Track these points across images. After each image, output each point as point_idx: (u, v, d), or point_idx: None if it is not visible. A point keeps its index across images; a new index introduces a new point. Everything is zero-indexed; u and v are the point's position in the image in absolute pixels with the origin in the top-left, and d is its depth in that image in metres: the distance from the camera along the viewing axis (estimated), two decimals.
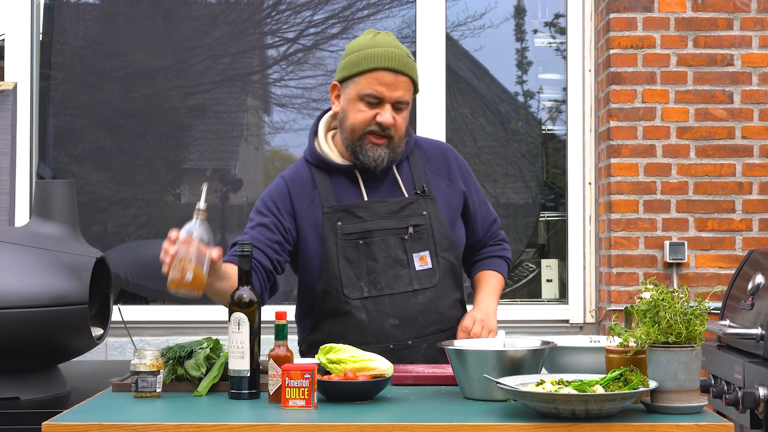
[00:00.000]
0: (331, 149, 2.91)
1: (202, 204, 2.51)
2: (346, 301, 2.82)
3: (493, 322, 2.87)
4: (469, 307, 2.98)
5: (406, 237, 2.86)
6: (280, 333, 2.39)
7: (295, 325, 4.33)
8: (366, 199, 2.87)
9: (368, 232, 2.84)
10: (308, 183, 2.89)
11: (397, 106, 2.82)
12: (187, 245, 2.43)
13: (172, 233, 2.46)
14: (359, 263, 2.82)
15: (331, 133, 2.95)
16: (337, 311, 2.84)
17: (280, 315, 2.41)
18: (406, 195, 2.90)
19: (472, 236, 3.03)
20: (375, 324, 2.82)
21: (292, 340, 4.72)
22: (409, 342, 2.83)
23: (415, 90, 2.89)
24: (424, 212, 2.88)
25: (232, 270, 2.66)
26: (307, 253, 2.86)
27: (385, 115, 2.80)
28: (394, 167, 2.91)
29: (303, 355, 2.94)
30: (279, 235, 2.83)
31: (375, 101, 2.81)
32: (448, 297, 2.89)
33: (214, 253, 2.46)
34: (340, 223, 2.83)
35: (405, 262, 2.85)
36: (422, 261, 2.87)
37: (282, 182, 2.91)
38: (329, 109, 2.98)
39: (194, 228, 2.46)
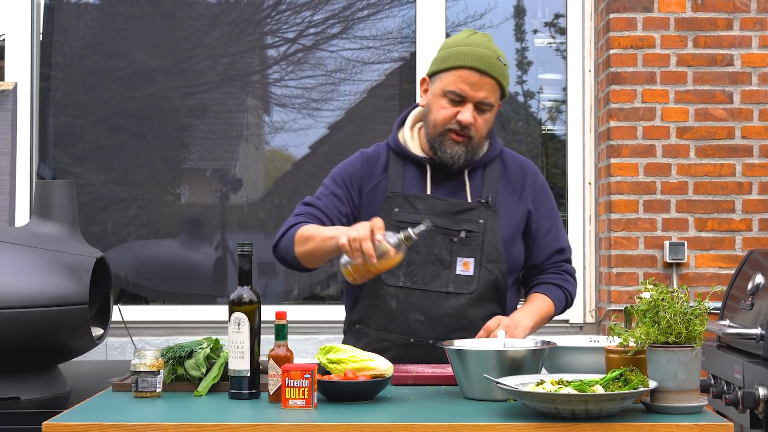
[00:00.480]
0: (412, 139, 2.95)
1: (415, 233, 2.54)
2: (382, 286, 2.85)
3: (519, 334, 2.77)
4: None
5: (456, 240, 2.86)
6: (280, 333, 2.39)
7: (294, 326, 4.36)
8: (429, 193, 2.89)
9: (419, 225, 2.85)
10: (382, 165, 2.93)
11: (479, 106, 2.82)
12: (389, 255, 2.51)
13: (377, 223, 2.54)
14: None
15: (418, 125, 2.98)
16: (372, 294, 2.87)
17: (280, 315, 2.41)
18: (470, 200, 2.90)
19: (530, 258, 2.98)
20: (401, 315, 2.83)
21: (292, 340, 4.73)
22: (430, 341, 2.82)
23: (503, 95, 2.88)
24: (481, 221, 2.88)
25: (314, 229, 2.74)
26: None
27: (465, 113, 2.81)
28: (466, 172, 2.92)
29: (345, 334, 2.99)
30: (348, 209, 2.90)
31: (458, 99, 2.82)
32: (484, 308, 2.87)
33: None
34: (396, 210, 2.86)
35: (447, 263, 2.85)
36: (465, 267, 2.86)
37: (359, 157, 2.97)
38: (417, 105, 3.01)
39: (395, 241, 2.53)
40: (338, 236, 2.57)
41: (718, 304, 3.57)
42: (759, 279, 3.30)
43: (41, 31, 4.86)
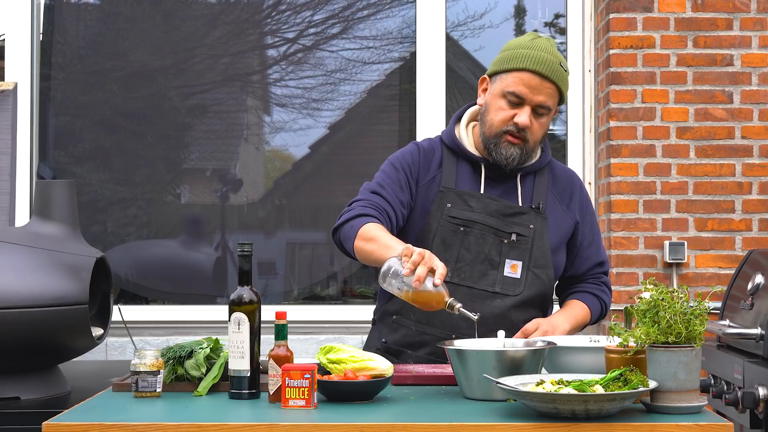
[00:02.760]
0: (468, 137, 2.95)
1: (457, 308, 2.50)
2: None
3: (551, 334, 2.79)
4: None
5: (506, 241, 2.86)
6: (280, 333, 2.39)
7: (294, 326, 4.36)
8: (482, 192, 2.90)
9: (471, 223, 2.85)
10: (437, 160, 2.93)
11: (537, 110, 2.82)
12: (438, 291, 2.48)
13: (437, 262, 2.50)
14: (453, 248, 2.84)
15: (472, 123, 2.98)
16: None
17: (280, 315, 2.41)
18: (521, 205, 2.91)
19: (571, 269, 3.01)
20: (445, 310, 2.82)
21: (292, 340, 4.74)
22: (439, 344, 2.81)
23: (561, 101, 2.88)
24: (531, 226, 2.88)
25: (378, 232, 2.70)
26: (409, 222, 2.89)
27: (523, 116, 2.81)
28: (518, 177, 2.92)
29: (374, 323, 2.98)
30: (408, 196, 2.88)
31: (516, 101, 2.82)
32: (528, 312, 2.87)
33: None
34: (449, 205, 2.86)
35: (496, 264, 2.85)
36: (513, 269, 2.86)
37: (416, 149, 2.95)
38: (475, 102, 3.00)
39: (443, 290, 2.49)
40: (399, 248, 2.55)
41: (718, 304, 3.57)
42: (759, 279, 3.30)
43: (41, 31, 4.86)
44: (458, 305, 2.49)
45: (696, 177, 4.42)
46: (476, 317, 2.50)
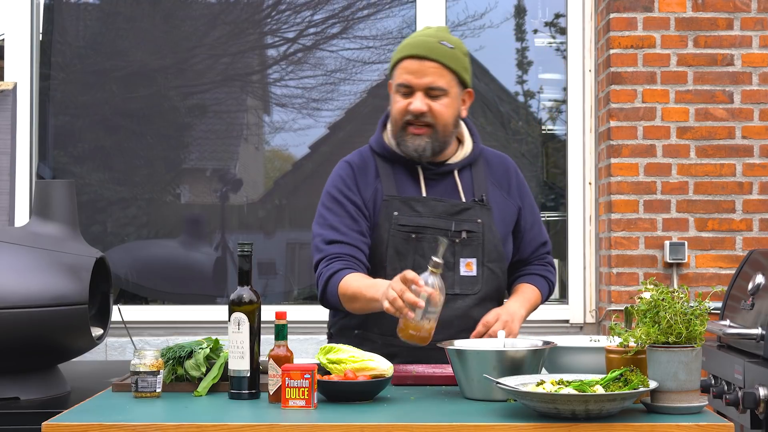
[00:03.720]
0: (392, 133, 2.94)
1: (439, 258, 2.47)
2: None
3: (516, 326, 2.82)
4: None
5: (458, 241, 2.86)
6: (280, 333, 2.39)
7: (294, 326, 4.34)
8: (424, 195, 2.88)
9: (422, 228, 2.84)
10: (372, 172, 2.91)
11: (430, 93, 2.80)
12: (433, 298, 2.43)
13: (409, 274, 2.45)
14: (407, 256, 2.83)
15: None
16: None
17: (280, 315, 2.41)
18: (464, 200, 2.90)
19: (517, 253, 3.02)
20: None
21: (292, 340, 4.72)
22: (438, 344, 2.82)
23: (460, 78, 2.84)
24: (479, 220, 2.88)
25: (356, 287, 2.69)
26: None
27: (415, 102, 2.79)
28: (456, 172, 2.92)
29: (332, 337, 2.95)
30: (363, 222, 2.85)
31: (407, 90, 2.81)
32: (487, 308, 2.87)
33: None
34: (396, 213, 2.84)
35: (451, 265, 2.84)
36: (468, 267, 2.86)
37: (348, 166, 2.92)
38: None
39: (432, 280, 2.45)
40: (381, 300, 2.53)
41: (719, 304, 3.56)
42: (759, 279, 3.29)
43: (41, 31, 4.86)
44: (434, 260, 2.46)
45: (696, 177, 4.42)
46: (444, 241, 2.51)
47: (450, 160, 2.92)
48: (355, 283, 2.73)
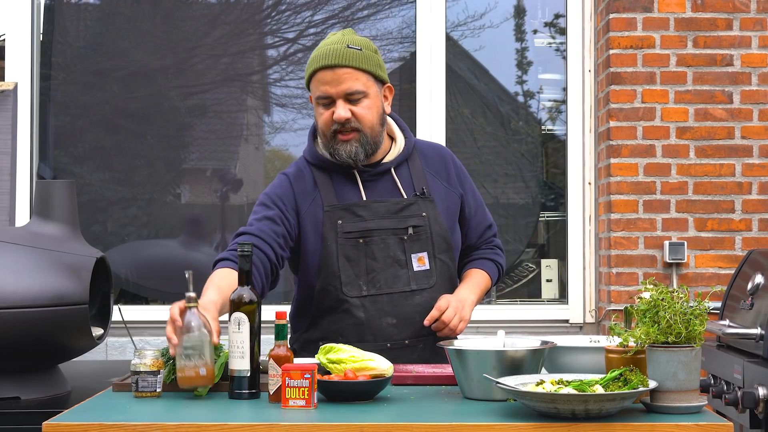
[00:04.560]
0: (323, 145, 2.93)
1: (192, 292, 2.43)
2: (345, 299, 2.83)
3: (467, 312, 2.86)
4: None
5: (405, 237, 2.88)
6: (280, 333, 2.39)
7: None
8: (365, 198, 2.88)
9: (368, 231, 2.86)
10: (310, 182, 2.91)
11: (349, 98, 2.81)
12: (198, 340, 2.38)
13: (171, 311, 2.40)
14: (359, 262, 2.84)
15: None
16: (335, 309, 2.85)
17: (280, 315, 2.41)
18: (405, 196, 2.91)
19: (465, 240, 3.05)
20: (373, 322, 2.83)
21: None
22: (406, 341, 2.85)
23: (378, 79, 2.85)
24: (424, 214, 2.90)
25: (231, 279, 2.60)
26: (307, 251, 2.88)
27: (338, 111, 2.80)
28: (393, 169, 2.93)
29: (296, 353, 2.94)
30: (284, 228, 2.84)
31: (327, 101, 2.82)
32: None
33: (215, 337, 2.44)
34: (340, 222, 2.85)
35: (403, 262, 2.87)
36: (420, 262, 2.89)
37: (285, 179, 2.92)
38: None
39: (193, 319, 2.40)
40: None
41: (718, 304, 3.57)
42: (759, 279, 3.30)
43: (41, 31, 4.86)
44: (187, 299, 2.40)
45: (696, 177, 4.42)
46: (188, 273, 2.45)
47: (384, 159, 2.93)
48: (210, 279, 2.67)
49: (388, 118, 2.96)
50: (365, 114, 2.83)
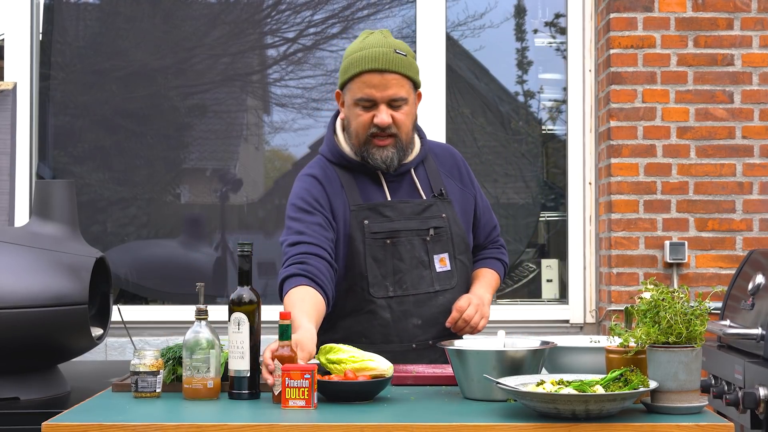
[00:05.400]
0: (350, 148, 2.90)
1: (202, 305, 2.46)
2: (371, 299, 2.82)
3: (487, 310, 2.89)
4: None
5: (428, 238, 2.88)
6: (285, 333, 2.38)
7: None
8: (389, 198, 2.88)
9: (395, 232, 2.85)
10: (336, 182, 2.89)
11: (392, 104, 2.81)
12: (207, 354, 2.40)
13: (267, 369, 2.36)
14: (386, 262, 2.83)
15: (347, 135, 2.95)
16: (359, 310, 2.84)
17: (284, 315, 2.40)
18: (424, 197, 2.92)
19: (474, 240, 3.06)
20: (399, 323, 2.83)
21: None
22: (430, 342, 2.85)
23: (416, 85, 2.87)
24: (444, 215, 2.90)
25: (313, 298, 2.62)
26: (336, 252, 2.85)
27: (381, 115, 2.79)
28: (412, 170, 2.93)
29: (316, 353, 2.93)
30: (332, 233, 2.82)
31: (368, 104, 2.80)
32: None
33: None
34: (366, 222, 2.84)
35: (427, 263, 2.87)
36: (442, 263, 2.89)
37: (315, 181, 2.88)
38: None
39: (202, 332, 2.42)
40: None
41: (719, 305, 3.56)
42: (759, 279, 3.29)
43: (41, 31, 4.86)
44: (198, 312, 2.43)
45: (696, 177, 4.41)
46: (198, 286, 2.50)
47: (405, 159, 2.92)
48: (292, 299, 2.64)
49: None
50: (404, 120, 2.83)
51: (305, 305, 2.60)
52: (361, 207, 2.85)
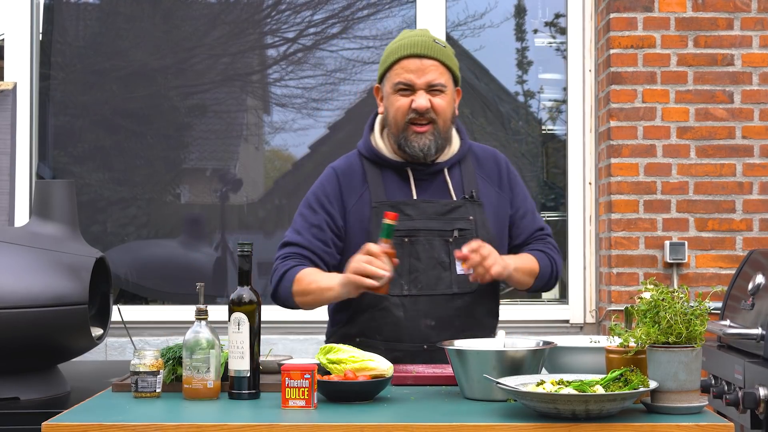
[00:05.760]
0: (385, 144, 2.93)
1: (202, 305, 2.47)
2: (385, 297, 2.81)
3: (502, 261, 2.75)
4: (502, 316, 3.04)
5: (451, 240, 2.86)
6: (388, 232, 2.56)
7: (294, 326, 4.34)
8: (415, 197, 2.88)
9: (414, 231, 2.85)
10: (359, 176, 2.91)
11: (431, 90, 2.82)
12: (208, 354, 2.41)
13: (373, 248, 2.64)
14: (402, 261, 2.81)
15: (385, 130, 2.96)
16: (374, 306, 2.84)
17: (389, 215, 2.59)
18: (455, 198, 2.90)
19: (511, 241, 2.99)
20: (411, 323, 2.82)
21: (292, 340, 4.73)
22: (439, 345, 2.82)
23: (455, 78, 2.88)
24: (471, 217, 2.88)
25: (309, 280, 2.79)
26: (351, 246, 2.86)
27: (419, 99, 2.81)
28: (446, 170, 2.92)
29: None
30: (331, 233, 2.87)
31: (407, 88, 2.83)
32: (484, 304, 2.89)
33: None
34: None
35: (447, 264, 2.85)
36: (464, 266, 2.84)
37: (333, 175, 2.93)
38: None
39: (203, 332, 2.43)
40: (340, 284, 2.68)
41: (719, 305, 3.56)
42: (759, 279, 3.29)
43: (41, 31, 4.86)
44: (198, 312, 2.47)
45: (696, 177, 4.41)
46: (199, 286, 2.57)
47: (439, 159, 2.92)
48: (309, 276, 2.79)
49: None
50: (444, 107, 2.84)
51: (316, 274, 2.81)
52: (382, 203, 2.85)
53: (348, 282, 2.66)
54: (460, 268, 2.84)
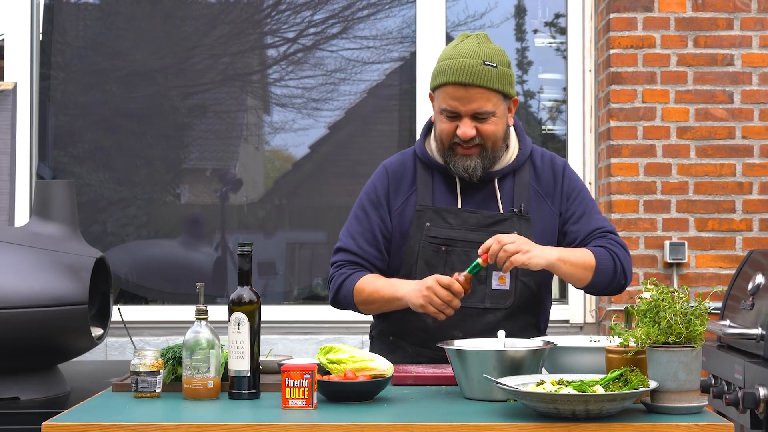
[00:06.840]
0: (437, 152, 2.87)
1: (202, 305, 2.47)
2: None
3: (534, 251, 2.61)
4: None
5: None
6: (473, 269, 2.60)
7: (294, 326, 4.35)
8: (460, 206, 2.83)
9: (452, 240, 2.80)
10: (409, 177, 2.87)
11: (477, 117, 2.74)
12: (208, 354, 2.42)
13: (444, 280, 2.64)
14: (437, 269, 2.77)
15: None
16: (406, 310, 2.77)
17: (485, 257, 2.59)
18: (502, 211, 2.83)
19: (568, 237, 2.86)
20: (439, 332, 2.76)
21: (292, 340, 4.72)
22: (439, 345, 2.80)
23: (506, 95, 2.77)
24: (515, 232, 2.77)
25: (372, 288, 2.80)
26: (391, 246, 2.85)
27: (463, 128, 2.73)
28: (496, 180, 2.84)
29: (372, 340, 2.98)
30: (380, 236, 2.85)
31: (452, 115, 2.75)
32: (519, 320, 2.82)
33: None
34: (428, 224, 2.80)
35: (482, 278, 2.78)
36: (500, 281, 2.80)
37: (384, 173, 2.90)
38: None
39: (203, 332, 2.43)
40: (407, 298, 2.67)
41: (719, 304, 3.57)
42: (759, 279, 3.30)
43: (41, 31, 4.86)
44: (198, 311, 2.47)
45: (696, 177, 4.41)
46: (199, 285, 2.59)
47: (493, 167, 2.84)
48: (372, 284, 2.78)
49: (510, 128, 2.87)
50: (491, 131, 2.76)
51: (378, 280, 2.80)
52: (426, 208, 2.82)
53: (415, 303, 2.63)
54: (496, 283, 2.80)
